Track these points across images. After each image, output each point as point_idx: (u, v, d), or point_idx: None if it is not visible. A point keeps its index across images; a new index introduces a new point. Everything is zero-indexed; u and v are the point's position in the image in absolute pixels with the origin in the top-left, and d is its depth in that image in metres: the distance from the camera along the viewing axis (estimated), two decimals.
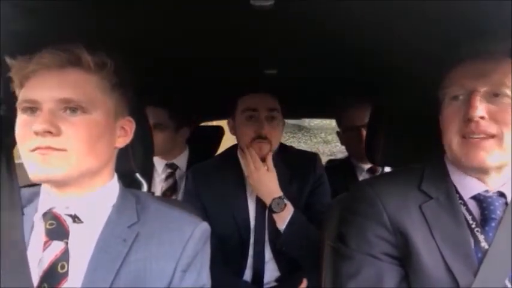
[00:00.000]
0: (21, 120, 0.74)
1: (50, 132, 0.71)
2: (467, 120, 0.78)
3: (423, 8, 0.86)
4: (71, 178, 0.75)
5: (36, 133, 0.71)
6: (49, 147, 0.71)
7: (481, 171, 0.83)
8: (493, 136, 0.78)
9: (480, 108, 0.77)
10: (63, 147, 0.72)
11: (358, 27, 0.98)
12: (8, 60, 0.75)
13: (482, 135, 0.78)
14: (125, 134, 0.84)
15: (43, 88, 0.74)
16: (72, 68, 0.76)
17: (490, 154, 0.78)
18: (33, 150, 0.71)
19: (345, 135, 1.88)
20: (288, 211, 1.35)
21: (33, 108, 0.74)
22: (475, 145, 0.79)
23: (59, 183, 0.77)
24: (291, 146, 1.69)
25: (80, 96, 0.74)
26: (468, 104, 0.78)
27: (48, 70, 0.74)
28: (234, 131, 1.49)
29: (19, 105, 0.75)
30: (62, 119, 0.73)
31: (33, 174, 0.72)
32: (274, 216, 1.35)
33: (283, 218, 1.34)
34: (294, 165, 1.47)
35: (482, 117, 0.77)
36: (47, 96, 0.73)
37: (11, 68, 0.75)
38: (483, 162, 0.79)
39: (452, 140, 0.82)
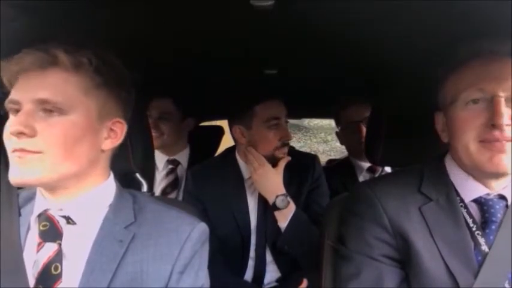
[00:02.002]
0: (8, 122, 0.74)
1: (23, 134, 0.69)
2: (492, 126, 0.76)
3: (423, 8, 0.86)
4: (48, 182, 0.73)
5: (12, 134, 0.70)
6: (23, 150, 0.70)
7: (497, 176, 0.81)
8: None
9: (506, 115, 0.75)
10: (38, 149, 0.70)
11: (358, 27, 0.98)
12: None
13: (505, 142, 0.76)
14: (114, 136, 0.80)
15: (24, 89, 0.73)
16: (52, 68, 0.74)
17: (510, 159, 0.77)
18: (13, 151, 0.71)
19: (344, 131, 1.88)
20: (290, 209, 1.35)
21: (17, 109, 0.73)
22: (499, 150, 0.76)
23: (39, 187, 0.76)
24: (291, 147, 1.70)
25: (56, 97, 0.72)
26: (493, 110, 0.76)
27: (30, 71, 0.73)
28: (244, 138, 1.43)
29: (6, 106, 0.74)
30: (40, 120, 0.71)
31: (11, 178, 0.71)
32: (277, 213, 1.35)
33: (285, 216, 1.35)
34: (292, 166, 1.47)
35: (507, 125, 0.75)
36: (26, 97, 0.72)
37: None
38: (505, 169, 0.77)
39: (470, 145, 0.79)
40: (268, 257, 1.44)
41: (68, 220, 0.77)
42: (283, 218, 1.35)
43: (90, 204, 0.79)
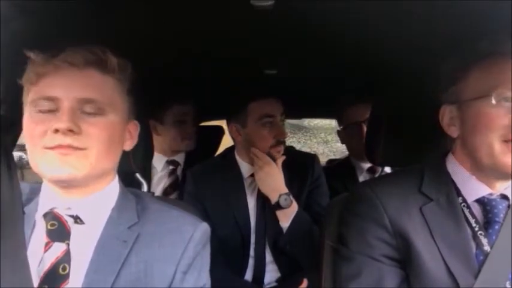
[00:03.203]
0: (35, 117, 0.73)
1: (72, 131, 0.71)
2: None
3: (423, 8, 0.86)
4: (91, 178, 0.76)
5: (57, 131, 0.70)
6: (70, 146, 0.71)
7: (508, 177, 0.81)
8: None
9: None
10: (83, 146, 0.72)
11: (358, 27, 0.98)
12: (30, 54, 0.74)
13: None
14: (130, 137, 0.85)
15: (64, 86, 0.73)
16: (93, 68, 0.76)
17: None
18: (52, 148, 0.71)
19: (346, 131, 1.87)
20: (293, 208, 1.35)
21: (51, 106, 0.73)
22: None
23: (73, 184, 0.76)
24: (290, 147, 1.70)
25: (100, 97, 0.74)
26: None
27: (70, 68, 0.74)
28: (240, 136, 1.46)
29: (33, 101, 0.74)
30: (81, 118, 0.73)
31: (50, 174, 0.72)
32: (279, 213, 1.35)
33: (287, 215, 1.34)
34: (292, 166, 1.47)
35: None
36: (68, 95, 0.72)
37: (30, 62, 0.74)
38: None
39: (494, 143, 0.77)
40: (268, 257, 1.44)
41: (76, 220, 0.77)
42: (286, 218, 1.35)
43: (98, 204, 0.80)
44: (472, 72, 0.82)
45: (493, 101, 0.77)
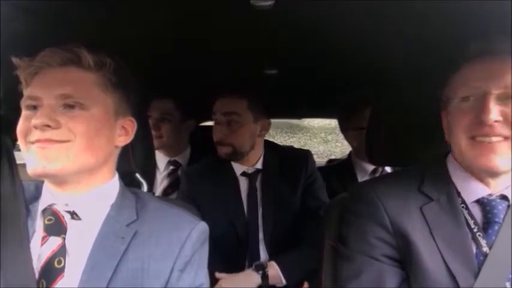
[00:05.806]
0: (23, 116, 0.76)
1: (48, 126, 0.72)
2: (480, 122, 0.76)
3: (424, 9, 0.86)
4: (69, 173, 0.75)
5: (35, 127, 0.72)
6: (49, 140, 0.72)
7: (490, 175, 0.82)
8: (506, 138, 0.76)
9: (494, 112, 0.75)
10: (65, 138, 0.73)
11: (358, 27, 0.98)
12: (15, 60, 0.77)
13: (495, 139, 0.76)
14: (125, 133, 0.84)
15: (44, 85, 0.76)
16: (72, 66, 0.78)
17: (502, 158, 0.76)
18: (33, 143, 0.73)
19: (355, 133, 1.81)
20: (273, 267, 1.32)
21: (35, 105, 0.75)
22: (487, 148, 0.77)
23: (57, 179, 0.77)
24: (277, 145, 1.69)
25: (78, 92, 0.75)
26: (482, 106, 0.76)
27: (50, 68, 0.76)
28: None
29: (23, 102, 0.77)
30: (61, 114, 0.74)
31: (31, 169, 0.73)
32: (271, 279, 1.31)
33: (276, 273, 1.32)
34: (285, 163, 1.47)
35: (496, 121, 0.76)
36: (47, 93, 0.75)
37: (17, 67, 0.77)
38: (495, 166, 0.77)
39: (461, 141, 0.80)
40: (263, 254, 1.43)
41: (73, 215, 0.78)
42: (277, 279, 1.31)
43: (96, 201, 0.80)
44: (450, 78, 0.85)
45: (455, 103, 0.81)
